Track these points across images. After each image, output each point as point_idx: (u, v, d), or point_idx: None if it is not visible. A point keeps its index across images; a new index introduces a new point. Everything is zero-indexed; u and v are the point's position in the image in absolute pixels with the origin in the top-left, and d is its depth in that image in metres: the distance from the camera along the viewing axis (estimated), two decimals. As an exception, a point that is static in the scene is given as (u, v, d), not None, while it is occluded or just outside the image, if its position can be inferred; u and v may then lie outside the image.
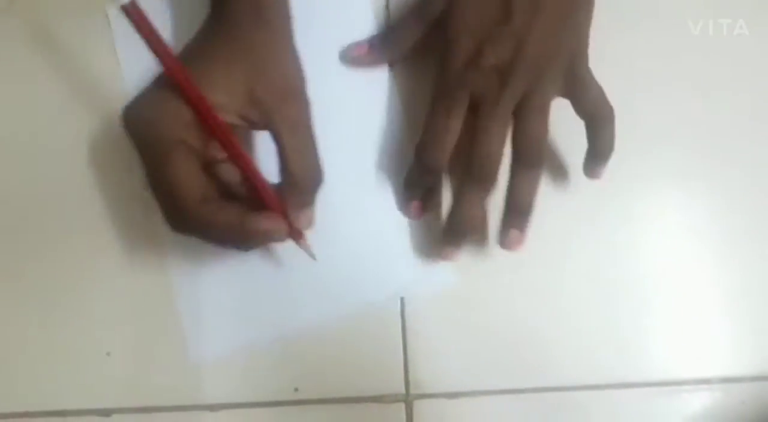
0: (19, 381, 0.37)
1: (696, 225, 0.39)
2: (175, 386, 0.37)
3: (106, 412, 0.37)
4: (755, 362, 0.38)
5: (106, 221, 0.38)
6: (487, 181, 0.35)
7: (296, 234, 0.35)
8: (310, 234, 0.35)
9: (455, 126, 0.35)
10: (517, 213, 0.36)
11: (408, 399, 0.37)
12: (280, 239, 0.34)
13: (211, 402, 0.37)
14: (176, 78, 0.31)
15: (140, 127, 0.32)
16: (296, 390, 0.37)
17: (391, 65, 0.40)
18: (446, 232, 0.37)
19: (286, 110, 0.33)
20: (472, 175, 0.35)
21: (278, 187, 0.33)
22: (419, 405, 0.37)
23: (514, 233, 0.36)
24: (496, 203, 0.36)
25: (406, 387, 0.37)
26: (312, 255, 0.36)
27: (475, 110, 0.35)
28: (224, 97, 0.32)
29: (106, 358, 0.37)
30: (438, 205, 0.39)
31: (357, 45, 0.39)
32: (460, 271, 0.38)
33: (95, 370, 0.37)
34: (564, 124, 0.36)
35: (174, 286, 0.38)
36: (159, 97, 0.32)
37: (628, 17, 0.40)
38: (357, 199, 0.39)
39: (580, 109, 0.36)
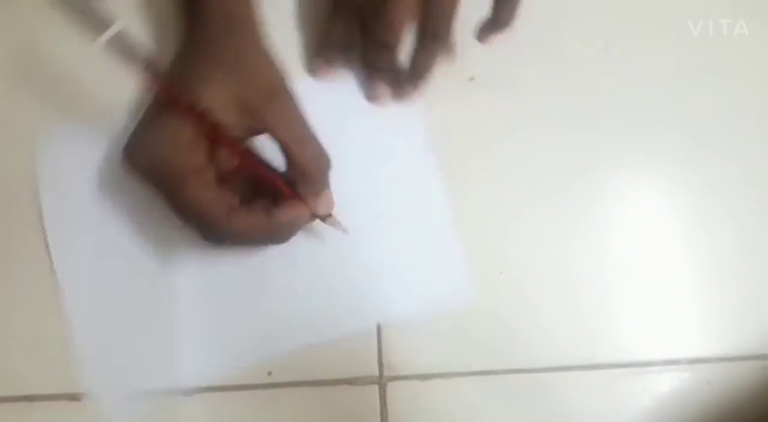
0: (-14, 366, 0.37)
1: (664, 206, 0.40)
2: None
3: (76, 396, 0.37)
4: (722, 343, 0.39)
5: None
6: (386, 45, 0.36)
7: (322, 217, 0.36)
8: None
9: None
10: (413, 77, 0.38)
11: (381, 381, 0.37)
12: (306, 222, 0.36)
13: (184, 386, 0.37)
14: (172, 99, 0.31)
15: (147, 165, 0.32)
16: (270, 373, 0.37)
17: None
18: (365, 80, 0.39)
19: (276, 107, 0.33)
20: (375, 37, 0.36)
21: (290, 178, 0.34)
22: (393, 387, 0.37)
23: (407, 89, 0.39)
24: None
25: (379, 370, 0.37)
26: (343, 230, 0.37)
27: None
28: (217, 111, 0.32)
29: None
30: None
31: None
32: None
33: (65, 355, 0.37)
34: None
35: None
36: (156, 131, 0.32)
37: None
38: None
39: None
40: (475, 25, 0.37)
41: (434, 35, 0.36)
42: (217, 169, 0.33)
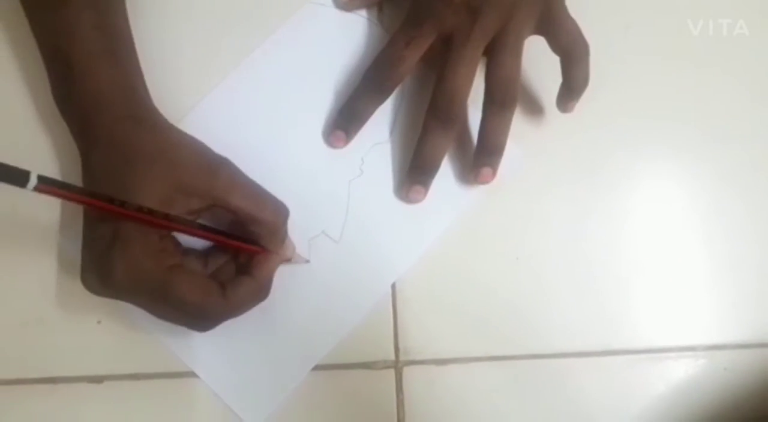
0: (10, 349, 0.37)
1: (681, 194, 0.40)
2: (165, 353, 0.37)
3: (98, 379, 0.37)
4: (738, 330, 0.39)
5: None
6: (449, 120, 0.35)
7: (289, 259, 0.36)
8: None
9: (412, 56, 0.35)
10: (488, 153, 0.36)
11: (397, 366, 0.38)
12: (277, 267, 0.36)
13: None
14: (121, 213, 0.30)
15: (130, 284, 0.31)
16: (287, 357, 0.38)
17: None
18: (410, 171, 0.37)
19: (221, 180, 0.33)
20: (436, 112, 0.35)
21: (252, 237, 0.34)
22: (408, 372, 0.37)
23: (485, 170, 0.37)
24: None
25: (395, 354, 0.38)
26: (306, 261, 0.37)
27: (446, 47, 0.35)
28: (162, 206, 0.31)
29: (96, 326, 0.38)
30: (353, 133, 0.38)
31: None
32: (448, 243, 0.38)
33: (86, 338, 0.37)
34: (539, 60, 0.36)
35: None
36: (122, 249, 0.31)
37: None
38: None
39: (556, 45, 0.36)
40: (555, 98, 0.37)
41: (502, 103, 0.35)
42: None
